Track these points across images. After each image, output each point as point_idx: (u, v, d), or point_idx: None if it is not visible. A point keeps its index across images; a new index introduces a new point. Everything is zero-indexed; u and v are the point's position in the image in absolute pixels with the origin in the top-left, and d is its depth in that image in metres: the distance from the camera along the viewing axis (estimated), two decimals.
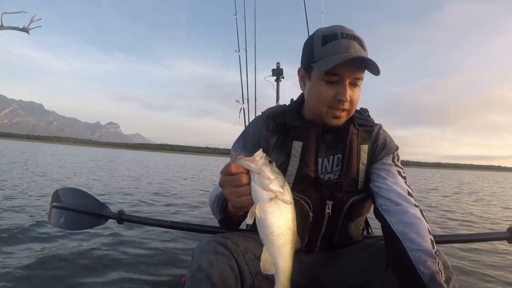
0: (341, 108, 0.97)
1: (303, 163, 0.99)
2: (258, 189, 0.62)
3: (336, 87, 0.95)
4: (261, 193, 0.62)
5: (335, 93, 0.95)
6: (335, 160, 1.06)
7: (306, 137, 1.00)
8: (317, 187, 1.00)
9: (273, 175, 0.62)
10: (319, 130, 1.01)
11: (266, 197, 0.61)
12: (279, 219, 0.62)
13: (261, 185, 0.61)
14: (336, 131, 1.04)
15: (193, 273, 0.82)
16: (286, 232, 0.63)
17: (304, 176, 0.99)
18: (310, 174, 0.99)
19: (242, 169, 0.64)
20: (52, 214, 1.73)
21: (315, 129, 1.00)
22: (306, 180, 0.99)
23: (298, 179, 0.99)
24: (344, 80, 0.94)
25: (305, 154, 0.99)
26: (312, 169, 0.99)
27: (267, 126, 1.07)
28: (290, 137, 1.02)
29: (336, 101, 0.96)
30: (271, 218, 0.62)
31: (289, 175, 0.99)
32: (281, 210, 0.62)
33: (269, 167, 0.63)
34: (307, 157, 0.99)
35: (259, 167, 0.62)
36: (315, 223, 1.02)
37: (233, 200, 0.68)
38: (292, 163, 1.00)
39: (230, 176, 0.66)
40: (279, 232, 0.62)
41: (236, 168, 0.65)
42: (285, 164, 1.01)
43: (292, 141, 1.01)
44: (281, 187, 0.62)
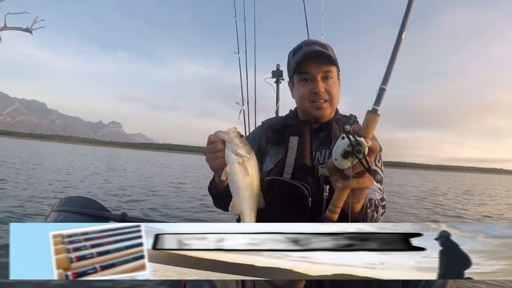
0: (320, 99, 1.16)
1: (299, 155, 1.15)
2: (229, 154, 0.80)
3: (310, 84, 1.17)
4: (231, 157, 0.80)
5: (311, 88, 1.16)
6: (327, 154, 1.20)
7: (301, 133, 1.18)
8: (314, 174, 1.13)
9: (242, 144, 0.80)
10: (312, 127, 1.19)
11: (235, 160, 0.79)
12: (245, 177, 0.80)
13: (231, 150, 0.80)
14: (328, 129, 1.21)
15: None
16: (250, 188, 0.81)
17: (301, 166, 1.13)
18: (307, 163, 1.14)
19: (218, 138, 0.83)
20: (50, 216, 1.75)
21: (308, 126, 1.19)
22: (304, 169, 1.13)
23: (296, 169, 1.13)
24: (314, 76, 1.15)
25: (301, 146, 1.16)
26: (308, 159, 1.15)
27: (266, 136, 1.25)
28: (287, 134, 1.19)
29: (313, 95, 1.16)
30: (238, 176, 0.80)
31: (287, 166, 1.14)
32: (246, 171, 0.80)
33: (239, 138, 0.81)
34: (304, 149, 1.15)
35: (231, 137, 0.80)
36: (315, 208, 1.10)
37: (212, 163, 0.86)
38: (290, 155, 1.15)
39: (210, 144, 0.85)
40: (243, 187, 0.81)
41: (214, 138, 0.84)
42: (283, 158, 1.16)
43: (289, 137, 1.18)
44: (248, 153, 0.81)
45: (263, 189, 1.16)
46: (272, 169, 1.17)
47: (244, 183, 0.80)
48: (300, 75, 1.18)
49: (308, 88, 1.17)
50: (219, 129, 0.85)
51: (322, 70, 1.15)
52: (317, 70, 1.15)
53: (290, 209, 1.12)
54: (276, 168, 1.17)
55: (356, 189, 0.78)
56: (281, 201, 1.12)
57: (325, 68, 1.15)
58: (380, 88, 0.78)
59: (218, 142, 0.84)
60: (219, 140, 0.83)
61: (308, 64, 1.15)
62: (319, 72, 1.15)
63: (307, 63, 1.15)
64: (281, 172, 1.14)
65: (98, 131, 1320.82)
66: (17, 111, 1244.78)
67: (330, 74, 1.17)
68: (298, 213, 1.10)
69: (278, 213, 1.12)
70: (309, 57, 1.15)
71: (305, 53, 1.15)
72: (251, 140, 1.25)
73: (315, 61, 1.15)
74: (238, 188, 0.80)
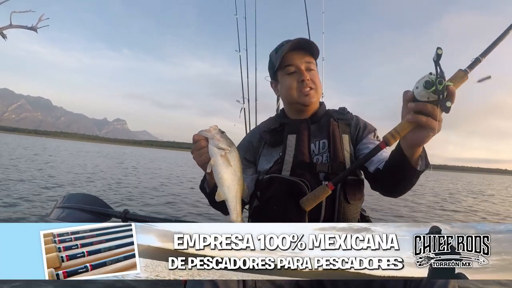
0: (306, 87, 1.20)
1: (298, 152, 1.17)
2: (212, 148, 0.87)
3: (296, 75, 1.21)
4: (213, 150, 0.86)
5: (297, 78, 1.21)
6: (320, 145, 1.22)
7: (298, 130, 1.20)
8: (312, 170, 1.15)
9: (222, 138, 0.87)
10: (309, 125, 1.22)
11: (217, 153, 0.86)
12: (227, 168, 0.86)
13: (213, 145, 0.86)
14: (319, 121, 1.26)
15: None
16: (232, 178, 0.88)
17: (300, 163, 1.15)
18: (305, 160, 1.16)
19: (202, 137, 0.89)
20: (53, 212, 1.76)
21: (305, 124, 1.22)
22: (302, 166, 1.15)
23: (295, 166, 1.15)
24: (299, 66, 1.21)
25: (299, 144, 1.18)
26: (306, 156, 1.17)
27: (263, 139, 1.27)
28: (285, 132, 1.21)
29: (300, 83, 1.21)
30: (221, 167, 0.86)
31: (286, 164, 1.16)
32: (229, 162, 0.86)
33: (220, 134, 0.87)
34: (302, 147, 1.17)
35: (213, 134, 0.87)
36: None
37: (197, 159, 0.92)
38: (288, 153, 1.17)
39: (194, 143, 0.90)
40: (227, 177, 0.87)
41: (198, 136, 0.90)
42: (282, 156, 1.18)
43: (286, 135, 1.20)
44: (228, 146, 0.87)
45: (262, 187, 1.18)
46: (271, 168, 1.19)
47: (227, 173, 0.87)
48: (285, 68, 1.23)
49: (294, 79, 1.22)
50: (228, 127, 0.93)
51: (305, 60, 1.22)
52: (301, 61, 1.21)
53: (289, 205, 1.12)
54: (275, 166, 1.18)
55: (423, 126, 0.80)
56: (280, 198, 1.14)
57: (307, 59, 1.22)
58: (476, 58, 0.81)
59: (202, 140, 0.89)
60: (202, 138, 0.89)
61: (291, 56, 1.21)
62: (303, 62, 1.21)
63: (290, 55, 1.21)
64: (280, 170, 1.16)
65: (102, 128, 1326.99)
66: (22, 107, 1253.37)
67: (311, 65, 1.23)
68: (298, 209, 1.11)
69: (277, 209, 1.14)
70: (294, 48, 1.21)
71: (292, 43, 1.20)
72: (243, 145, 1.30)
73: (298, 53, 1.21)
74: (222, 178, 0.87)
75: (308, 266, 0.78)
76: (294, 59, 1.21)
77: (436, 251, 0.80)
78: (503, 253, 0.77)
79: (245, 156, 1.26)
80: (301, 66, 1.21)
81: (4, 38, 7.66)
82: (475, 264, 0.78)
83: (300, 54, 1.22)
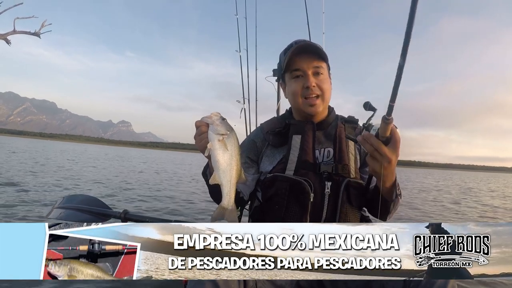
0: (312, 94, 1.18)
1: (302, 152, 1.16)
2: (210, 133, 0.89)
3: (302, 80, 1.19)
4: (212, 135, 0.88)
5: (303, 84, 1.18)
6: (325, 152, 1.21)
7: (304, 131, 1.19)
8: (316, 170, 1.15)
9: (221, 124, 0.88)
10: (314, 126, 1.20)
11: (216, 137, 0.87)
12: (224, 153, 0.88)
13: (212, 130, 0.88)
14: (326, 128, 1.24)
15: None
16: (228, 163, 0.89)
17: (304, 162, 1.15)
18: (309, 160, 1.16)
19: (203, 122, 0.91)
20: (52, 212, 1.77)
21: (310, 126, 1.20)
22: (306, 165, 1.15)
23: (299, 165, 1.15)
24: (306, 71, 1.18)
25: (304, 144, 1.18)
26: (310, 156, 1.16)
27: (265, 140, 1.26)
28: (290, 133, 1.20)
29: (305, 90, 1.18)
30: (218, 151, 0.88)
31: (290, 163, 1.16)
32: (226, 147, 0.88)
33: (220, 120, 0.89)
34: (306, 147, 1.17)
35: (213, 119, 0.89)
36: (316, 203, 1.12)
37: (198, 144, 0.93)
38: (292, 153, 1.17)
39: (196, 128, 0.93)
40: (223, 161, 0.88)
41: (199, 122, 0.92)
42: (286, 155, 1.18)
43: (292, 136, 1.19)
44: (227, 131, 0.88)
45: (265, 185, 1.19)
46: (275, 167, 1.19)
47: (223, 158, 0.88)
48: (291, 72, 1.20)
49: (300, 83, 1.19)
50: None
51: (313, 65, 1.18)
52: (308, 65, 1.18)
53: (291, 204, 1.13)
54: (279, 165, 1.18)
55: (370, 154, 0.93)
56: (282, 197, 1.14)
57: (315, 63, 1.18)
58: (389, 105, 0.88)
59: (203, 125, 0.92)
60: (204, 124, 0.91)
61: (299, 60, 1.18)
62: (310, 67, 1.18)
63: (298, 59, 1.18)
64: (284, 169, 1.16)
65: (107, 130, 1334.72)
66: (27, 110, 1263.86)
67: (320, 69, 1.19)
68: (300, 208, 1.11)
69: (278, 208, 1.14)
70: (300, 51, 1.18)
71: (296, 47, 1.18)
72: (246, 143, 1.29)
73: (305, 57, 1.18)
74: (218, 162, 0.88)
75: (308, 266, 0.79)
76: (301, 62, 1.18)
77: (436, 251, 0.80)
78: (503, 246, 0.77)
79: (248, 155, 1.26)
80: (308, 71, 1.18)
81: (8, 44, 7.76)
82: (475, 264, 0.77)
83: (308, 58, 1.18)
